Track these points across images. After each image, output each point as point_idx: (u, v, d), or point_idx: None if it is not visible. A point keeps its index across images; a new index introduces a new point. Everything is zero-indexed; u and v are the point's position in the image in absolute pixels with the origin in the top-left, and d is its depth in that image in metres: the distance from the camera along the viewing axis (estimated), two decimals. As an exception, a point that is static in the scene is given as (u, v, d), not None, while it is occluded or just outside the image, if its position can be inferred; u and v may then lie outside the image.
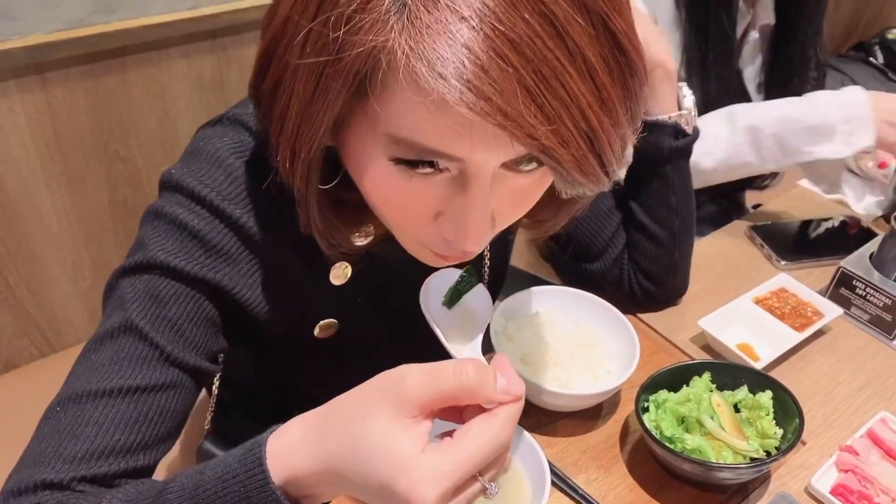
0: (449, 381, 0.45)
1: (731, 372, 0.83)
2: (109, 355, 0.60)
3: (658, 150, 0.91)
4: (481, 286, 0.66)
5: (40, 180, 1.46)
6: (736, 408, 0.80)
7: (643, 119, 0.76)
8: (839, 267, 1.02)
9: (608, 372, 0.85)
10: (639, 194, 0.95)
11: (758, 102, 1.12)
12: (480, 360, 0.55)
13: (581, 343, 0.86)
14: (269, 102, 0.53)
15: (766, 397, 0.79)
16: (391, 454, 0.44)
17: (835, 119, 1.05)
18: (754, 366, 0.87)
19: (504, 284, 0.94)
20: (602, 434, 0.84)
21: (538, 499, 0.68)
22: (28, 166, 1.43)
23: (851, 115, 1.05)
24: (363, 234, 0.66)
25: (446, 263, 0.60)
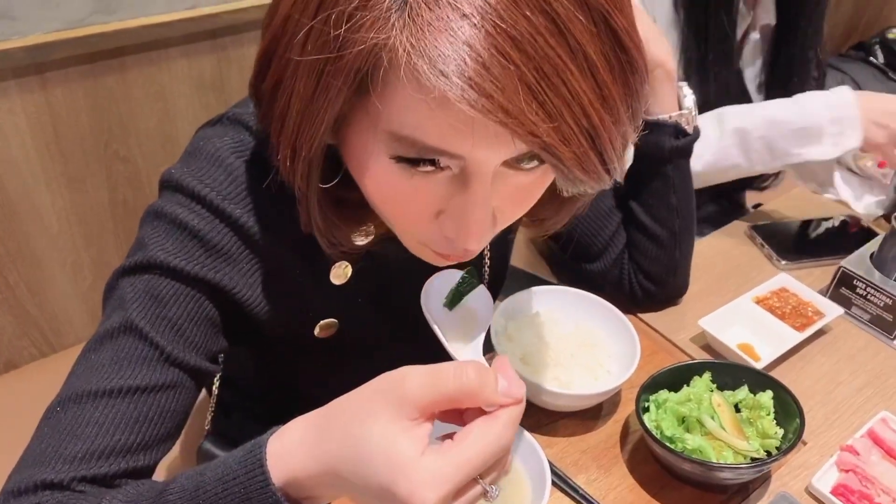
0: (449, 384, 0.45)
1: (732, 372, 0.83)
2: (109, 355, 0.60)
3: (658, 150, 0.91)
4: (483, 287, 0.66)
5: (40, 180, 1.46)
6: (736, 408, 0.80)
7: (643, 118, 0.76)
8: (840, 267, 1.02)
9: (608, 372, 0.85)
10: (639, 194, 0.95)
11: (746, 104, 1.12)
12: (481, 362, 0.55)
13: (581, 343, 0.86)
14: (270, 101, 0.53)
15: (767, 397, 0.79)
16: (391, 456, 0.43)
17: (823, 120, 1.05)
18: (755, 366, 0.87)
19: (504, 284, 0.94)
20: (602, 434, 0.83)
21: (538, 499, 0.68)
22: (28, 166, 1.43)
23: (840, 116, 1.05)
24: (364, 234, 0.66)
25: (447, 262, 0.60)
